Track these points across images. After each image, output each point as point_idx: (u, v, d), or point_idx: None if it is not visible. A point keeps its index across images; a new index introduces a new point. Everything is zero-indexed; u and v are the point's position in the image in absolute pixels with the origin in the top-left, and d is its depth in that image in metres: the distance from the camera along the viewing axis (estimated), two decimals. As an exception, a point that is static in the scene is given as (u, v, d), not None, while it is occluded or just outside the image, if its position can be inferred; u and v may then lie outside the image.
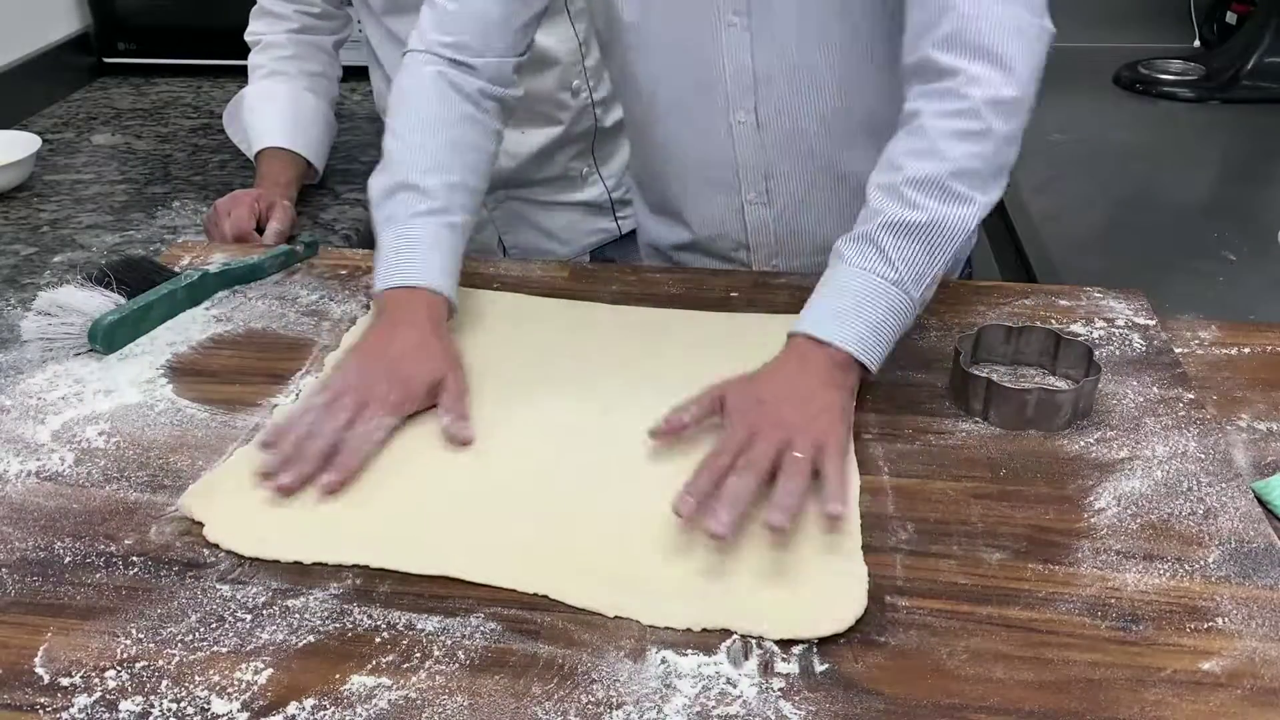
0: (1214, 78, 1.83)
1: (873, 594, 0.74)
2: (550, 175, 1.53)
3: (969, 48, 0.92)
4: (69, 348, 1.02)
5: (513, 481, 0.86)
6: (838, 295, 0.91)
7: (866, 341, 0.89)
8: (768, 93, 1.11)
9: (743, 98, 1.11)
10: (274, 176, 1.40)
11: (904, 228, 0.91)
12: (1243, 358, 1.04)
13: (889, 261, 0.90)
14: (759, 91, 1.10)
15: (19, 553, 0.78)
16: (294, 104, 1.47)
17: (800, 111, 1.12)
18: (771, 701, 0.66)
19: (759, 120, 1.12)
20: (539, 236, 1.58)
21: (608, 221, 1.59)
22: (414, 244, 1.01)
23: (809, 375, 0.88)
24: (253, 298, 1.13)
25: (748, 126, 1.13)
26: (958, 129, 0.92)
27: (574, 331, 1.07)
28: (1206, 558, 0.77)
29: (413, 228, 1.02)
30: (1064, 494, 0.84)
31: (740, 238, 1.23)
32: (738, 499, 0.78)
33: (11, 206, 1.46)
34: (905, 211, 0.91)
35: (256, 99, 1.48)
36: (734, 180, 1.18)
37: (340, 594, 0.74)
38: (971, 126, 0.92)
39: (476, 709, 0.66)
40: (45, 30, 1.94)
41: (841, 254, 0.93)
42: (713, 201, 1.21)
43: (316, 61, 1.51)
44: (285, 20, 1.49)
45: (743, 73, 1.10)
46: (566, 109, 1.49)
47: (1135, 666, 0.69)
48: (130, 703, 0.66)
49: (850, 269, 0.91)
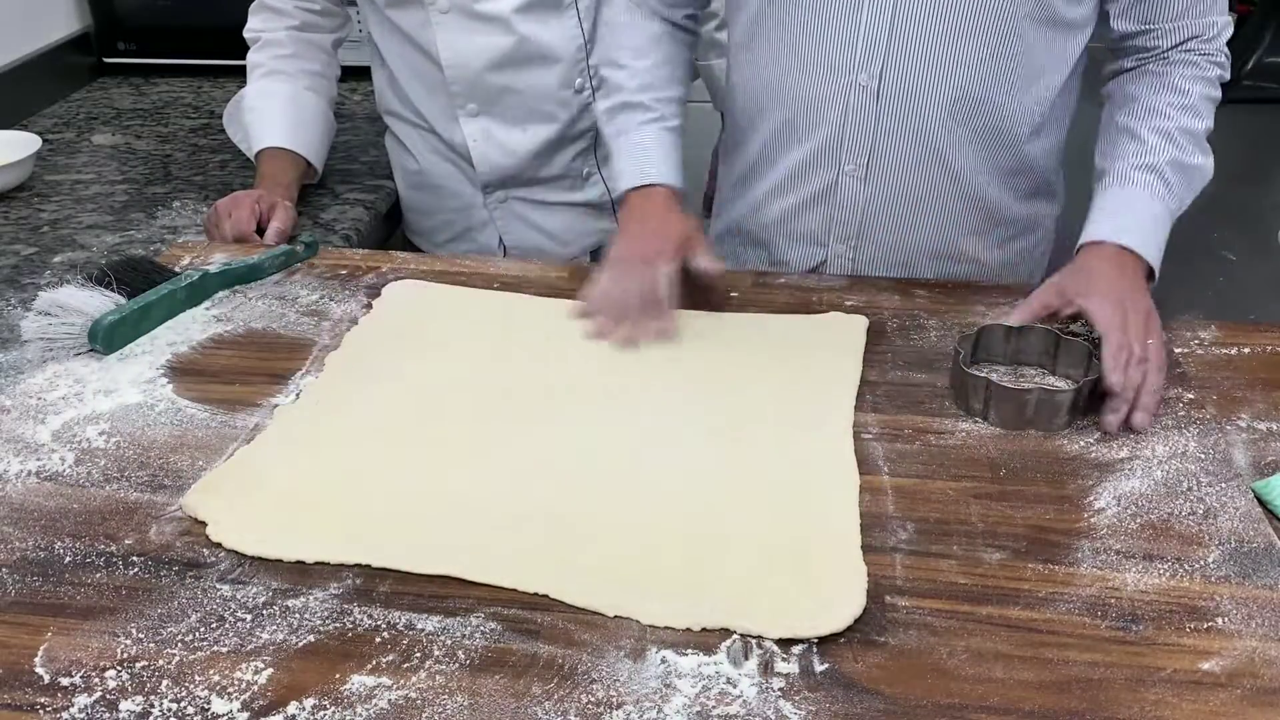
0: (1214, 78, 1.83)
1: (873, 594, 0.74)
2: (551, 174, 1.53)
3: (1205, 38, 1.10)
4: (69, 348, 1.02)
5: (513, 481, 0.86)
6: (1134, 214, 1.07)
7: (1157, 254, 1.06)
8: (897, 58, 1.10)
9: (871, 59, 1.11)
10: (275, 177, 1.40)
11: (1181, 167, 1.08)
12: (1243, 358, 1.04)
13: (1171, 192, 1.07)
14: (890, 55, 1.10)
15: (19, 553, 0.78)
16: (294, 103, 1.46)
17: (925, 90, 1.11)
18: (771, 701, 0.66)
19: (880, 87, 1.12)
20: (539, 237, 1.58)
21: (608, 222, 1.59)
22: (645, 149, 1.20)
23: (1128, 278, 1.02)
24: (253, 298, 1.13)
25: (868, 91, 1.12)
26: (1211, 95, 1.11)
27: (574, 332, 1.07)
28: (1206, 558, 0.77)
29: (641, 135, 1.20)
30: (1064, 494, 0.84)
31: (826, 211, 1.22)
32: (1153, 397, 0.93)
33: (11, 206, 1.46)
34: (1181, 155, 1.08)
35: (256, 98, 1.47)
36: (837, 147, 1.17)
37: (340, 594, 0.74)
38: (1215, 95, 1.12)
39: (476, 709, 0.66)
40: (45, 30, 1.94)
41: (1133, 179, 1.08)
42: (811, 165, 1.20)
43: (316, 60, 1.51)
44: (285, 16, 1.48)
45: (879, 31, 1.09)
46: (568, 106, 1.47)
47: (1135, 666, 0.69)
48: (130, 702, 0.66)
49: (1145, 193, 1.07)
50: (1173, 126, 1.08)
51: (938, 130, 1.13)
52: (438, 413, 0.94)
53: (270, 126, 1.44)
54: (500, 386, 0.98)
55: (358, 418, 0.93)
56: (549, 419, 0.93)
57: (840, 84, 1.13)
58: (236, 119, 1.53)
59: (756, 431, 0.91)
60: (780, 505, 0.83)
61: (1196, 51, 1.10)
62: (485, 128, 1.48)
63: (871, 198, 1.19)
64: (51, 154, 1.66)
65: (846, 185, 1.19)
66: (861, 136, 1.15)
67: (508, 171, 1.51)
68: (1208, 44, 1.10)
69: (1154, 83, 1.11)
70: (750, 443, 0.90)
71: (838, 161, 1.18)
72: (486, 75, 1.43)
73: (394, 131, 1.57)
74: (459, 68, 1.43)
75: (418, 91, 1.49)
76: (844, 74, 1.12)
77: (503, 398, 0.96)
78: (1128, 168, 1.08)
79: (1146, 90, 1.11)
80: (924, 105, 1.12)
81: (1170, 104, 1.09)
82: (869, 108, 1.13)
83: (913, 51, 1.10)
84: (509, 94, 1.45)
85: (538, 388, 0.98)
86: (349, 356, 1.03)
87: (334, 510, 0.82)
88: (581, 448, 0.90)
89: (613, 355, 1.03)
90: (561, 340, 1.05)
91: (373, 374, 0.99)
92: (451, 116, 1.48)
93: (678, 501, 0.83)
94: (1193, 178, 1.09)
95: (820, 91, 1.15)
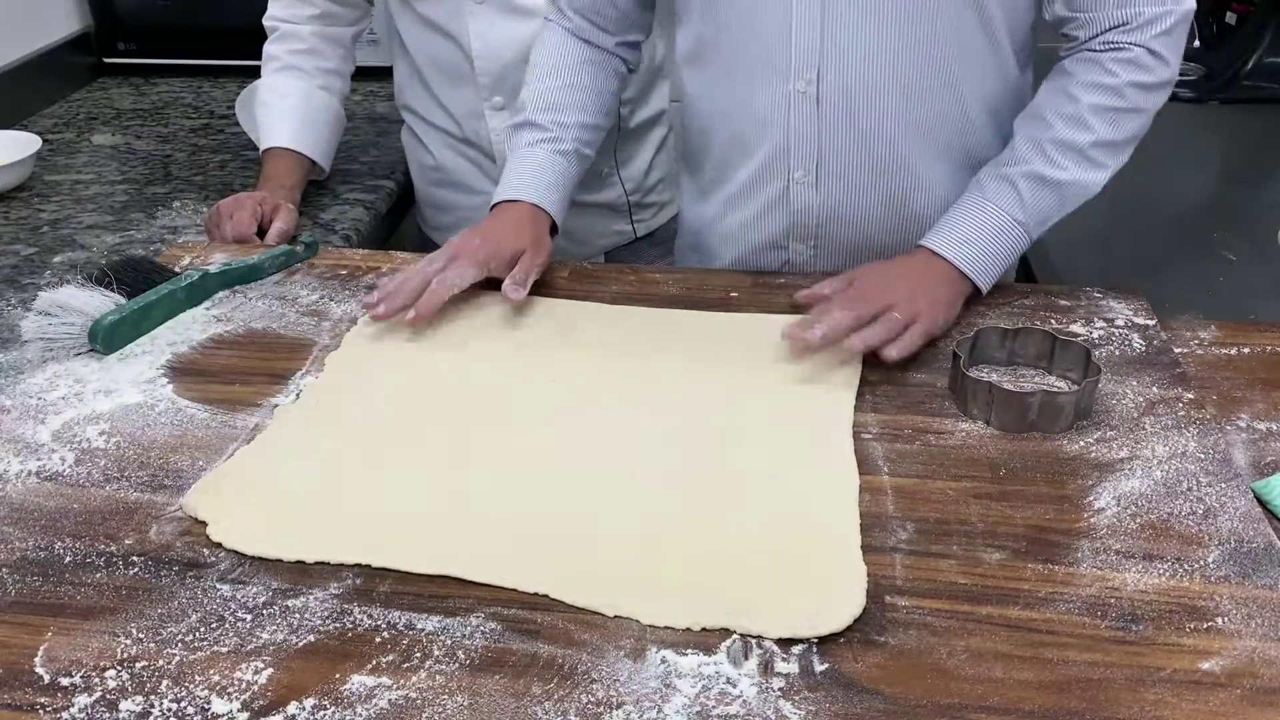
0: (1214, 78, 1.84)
1: (872, 594, 0.74)
2: None
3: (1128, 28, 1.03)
4: (69, 348, 1.02)
5: (513, 481, 0.86)
6: (969, 223, 1.05)
7: (984, 267, 1.04)
8: (832, 63, 1.09)
9: (805, 65, 1.09)
10: (280, 178, 1.39)
11: (1042, 181, 1.04)
12: (1242, 358, 1.04)
13: (1023, 205, 1.04)
14: (824, 60, 1.09)
15: (19, 553, 0.78)
16: (306, 102, 1.46)
17: (863, 91, 1.10)
18: (771, 701, 0.66)
19: (819, 93, 1.11)
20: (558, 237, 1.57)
21: (624, 224, 1.59)
22: (523, 167, 1.17)
23: (928, 276, 1.03)
24: (253, 298, 1.13)
25: (807, 98, 1.11)
26: (1105, 104, 1.03)
27: (573, 332, 1.07)
28: (1206, 558, 0.77)
29: (526, 155, 1.18)
30: (1064, 494, 0.84)
31: (784, 219, 1.21)
32: (835, 326, 0.97)
33: (11, 206, 1.46)
34: (1047, 168, 1.04)
35: (270, 93, 1.47)
36: (784, 155, 1.16)
37: (340, 594, 0.74)
38: (1118, 104, 1.03)
39: (476, 709, 0.66)
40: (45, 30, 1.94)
41: (983, 186, 1.06)
42: (760, 176, 1.19)
43: (332, 56, 1.50)
44: (307, 4, 1.47)
45: (811, 38, 1.08)
46: None
47: (1135, 666, 0.69)
48: (130, 702, 0.66)
49: (987, 203, 1.05)
50: (1047, 137, 1.05)
51: (884, 128, 1.12)
52: (438, 412, 0.94)
53: (279, 126, 1.43)
54: (501, 386, 0.98)
55: (358, 418, 0.93)
56: (549, 418, 0.93)
57: (779, 93, 1.12)
58: (249, 108, 1.52)
59: (756, 431, 0.91)
60: (780, 505, 0.83)
61: (1114, 45, 1.03)
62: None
63: (825, 201, 1.18)
64: (51, 154, 1.66)
65: (798, 192, 1.18)
66: (807, 144, 1.14)
67: None
68: (1129, 34, 1.03)
69: (1052, 85, 1.07)
70: (750, 442, 0.90)
71: (787, 170, 1.17)
72: (516, 67, 1.40)
73: (411, 128, 1.57)
74: (489, 59, 1.42)
75: (441, 85, 1.48)
76: (781, 83, 1.12)
77: (503, 397, 0.96)
78: (986, 175, 1.07)
79: (1044, 92, 1.08)
80: (866, 105, 1.11)
81: (1056, 112, 1.05)
82: (810, 114, 1.12)
83: (847, 53, 1.08)
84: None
85: (538, 387, 0.98)
86: (349, 356, 1.03)
87: (334, 510, 0.83)
88: (581, 447, 0.90)
89: (613, 355, 1.03)
90: (562, 340, 1.05)
91: (373, 374, 1.00)
92: (476, 112, 1.47)
93: (677, 501, 0.83)
94: (1062, 192, 1.05)
95: (761, 103, 1.14)
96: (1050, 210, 1.06)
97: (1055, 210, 1.07)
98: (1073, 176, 1.04)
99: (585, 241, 1.59)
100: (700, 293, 1.14)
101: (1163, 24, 1.02)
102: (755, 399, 0.96)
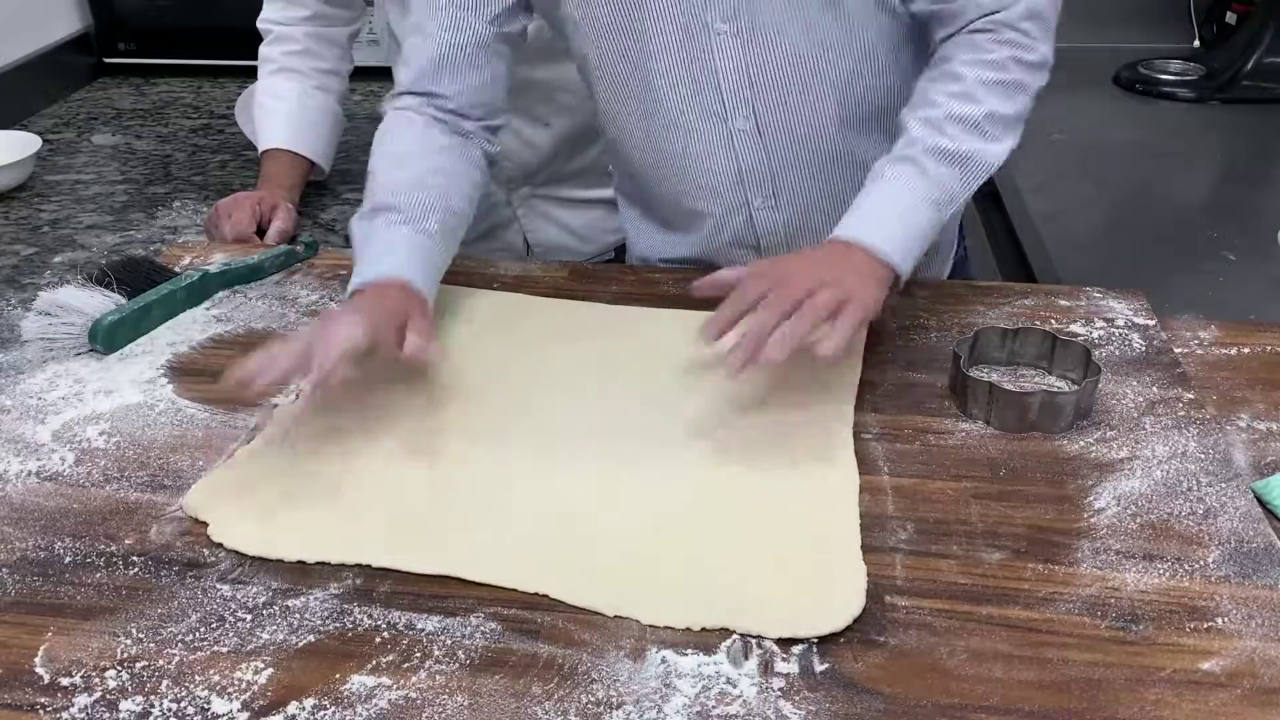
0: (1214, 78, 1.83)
1: (872, 594, 0.74)
2: (578, 167, 1.50)
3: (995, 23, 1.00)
4: (69, 348, 1.02)
5: (513, 481, 0.86)
6: (876, 207, 0.98)
7: (902, 245, 0.96)
8: (765, 96, 1.10)
9: (740, 104, 1.10)
10: (278, 179, 1.39)
11: (944, 154, 0.99)
12: (1242, 358, 1.04)
13: (928, 180, 0.98)
14: (757, 96, 1.10)
15: (19, 553, 0.78)
16: (302, 103, 1.45)
17: (801, 111, 1.11)
18: (771, 701, 0.66)
19: (759, 125, 1.11)
20: (564, 235, 1.55)
21: None
22: (386, 246, 1.00)
23: (845, 260, 0.94)
24: (253, 298, 1.13)
25: (748, 133, 1.12)
26: (990, 78, 1.00)
27: (573, 331, 1.07)
28: (1206, 558, 0.77)
29: (387, 234, 1.01)
30: (1064, 494, 0.84)
31: (752, 242, 1.21)
32: (755, 337, 0.85)
33: (11, 206, 1.46)
34: (945, 141, 0.99)
35: (266, 95, 1.46)
36: (739, 187, 1.16)
37: (340, 594, 0.74)
38: (1003, 77, 1.01)
39: (476, 709, 0.66)
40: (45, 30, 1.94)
41: (881, 174, 0.99)
42: (720, 211, 1.19)
43: (328, 57, 1.49)
44: (300, 6, 1.46)
45: (738, 78, 1.09)
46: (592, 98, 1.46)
47: (1135, 666, 0.69)
48: (130, 702, 0.66)
49: (890, 184, 0.99)
50: (940, 114, 1.00)
51: (827, 134, 1.12)
52: (438, 412, 0.94)
53: (276, 127, 1.43)
54: (501, 386, 0.98)
55: (358, 417, 0.93)
56: (549, 418, 0.93)
57: (720, 134, 1.12)
58: (247, 111, 1.52)
59: (756, 431, 0.91)
60: (780, 505, 0.83)
61: (987, 29, 1.01)
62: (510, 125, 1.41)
63: (789, 219, 1.17)
64: (51, 154, 1.66)
65: (762, 217, 1.18)
66: (759, 175, 1.14)
67: (531, 167, 1.47)
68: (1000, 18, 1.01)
69: (934, 72, 1.04)
70: (750, 442, 0.90)
71: (746, 202, 1.17)
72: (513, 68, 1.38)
73: None
74: None
75: None
76: (721, 124, 1.11)
77: (503, 397, 0.96)
78: (884, 163, 1.01)
79: (926, 79, 1.05)
80: (810, 127, 1.11)
81: (943, 91, 1.01)
82: (755, 147, 1.12)
83: (777, 82, 1.08)
84: (530, 88, 1.39)
85: (538, 387, 0.98)
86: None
87: (334, 510, 0.83)
88: (581, 447, 0.90)
89: (612, 355, 1.03)
90: (562, 340, 1.05)
91: (373, 374, 0.99)
92: None
93: (677, 501, 0.83)
94: (963, 165, 1.00)
95: (704, 148, 1.13)
96: (954, 186, 1.00)
97: (959, 186, 1.00)
98: (970, 148, 1.00)
99: (592, 239, 1.58)
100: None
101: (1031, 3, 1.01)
102: (755, 399, 0.96)
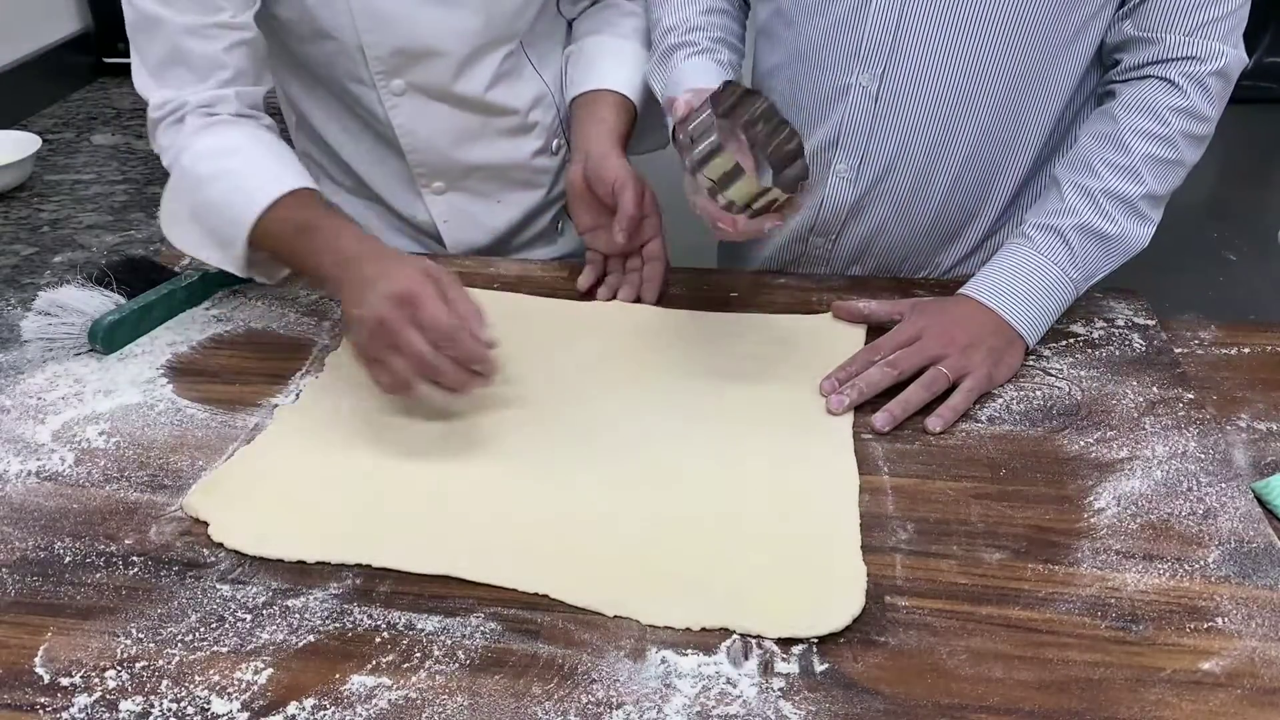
0: (1214, 78, 1.83)
1: (872, 594, 0.74)
2: (525, 239, 1.36)
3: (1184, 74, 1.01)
4: (69, 348, 1.02)
5: (513, 481, 0.86)
6: (1019, 277, 1.01)
7: (1036, 324, 1.01)
8: (899, 61, 1.06)
9: (874, 60, 1.07)
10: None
11: (1093, 233, 1.01)
12: (1242, 358, 1.04)
13: (1074, 260, 1.01)
14: (891, 57, 1.06)
15: (19, 553, 0.78)
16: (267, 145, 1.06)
17: (923, 91, 1.07)
18: (771, 701, 0.66)
19: (879, 89, 1.08)
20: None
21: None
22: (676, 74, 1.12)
23: (984, 327, 0.99)
24: (253, 298, 1.13)
25: (866, 93, 1.09)
26: (1157, 155, 1.01)
27: (574, 332, 1.07)
28: (1206, 558, 0.77)
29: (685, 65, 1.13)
30: (1064, 494, 0.84)
31: (814, 216, 1.18)
32: (869, 387, 0.94)
33: (11, 206, 1.46)
34: (1098, 220, 1.01)
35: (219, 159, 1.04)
36: (833, 146, 1.13)
37: (340, 594, 0.74)
38: (1168, 156, 1.01)
39: (476, 709, 0.66)
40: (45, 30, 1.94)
41: (1032, 239, 1.02)
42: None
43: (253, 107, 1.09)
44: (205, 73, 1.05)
45: (884, 31, 1.05)
46: (547, 171, 1.30)
47: (1135, 666, 0.69)
48: (130, 702, 0.66)
49: (1038, 256, 1.02)
50: (1098, 188, 1.01)
51: (938, 141, 1.10)
52: (438, 412, 0.94)
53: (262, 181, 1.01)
54: (500, 386, 0.98)
55: (358, 418, 0.93)
56: (549, 418, 0.93)
57: (841, 85, 1.10)
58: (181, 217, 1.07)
59: (756, 431, 0.91)
60: (780, 505, 0.83)
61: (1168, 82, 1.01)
62: (455, 204, 1.28)
63: (858, 200, 1.16)
64: (51, 154, 1.66)
65: (836, 185, 1.15)
66: (856, 139, 1.12)
67: (482, 247, 1.31)
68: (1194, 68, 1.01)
69: (1099, 130, 1.04)
70: (750, 442, 0.90)
71: (830, 162, 1.14)
72: (453, 153, 1.23)
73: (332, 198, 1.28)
74: (422, 151, 1.22)
75: (365, 167, 1.26)
76: (846, 75, 1.09)
77: (503, 397, 0.96)
78: (1035, 224, 1.03)
79: (1089, 137, 1.05)
80: (927, 114, 1.08)
81: (1105, 161, 1.02)
82: (866, 109, 1.10)
83: (915, 52, 1.06)
84: (481, 168, 1.25)
85: (537, 387, 0.98)
86: (349, 356, 1.02)
87: (334, 510, 0.83)
88: (580, 447, 0.90)
89: (612, 354, 1.03)
90: (561, 340, 1.05)
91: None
92: (413, 192, 1.27)
93: (677, 501, 0.83)
94: (1110, 247, 1.02)
95: (821, 92, 1.12)
96: (1097, 265, 1.03)
97: (1101, 265, 1.03)
98: (1121, 230, 1.01)
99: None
100: (700, 293, 1.14)
101: (1218, 61, 1.02)
102: (755, 399, 0.96)
